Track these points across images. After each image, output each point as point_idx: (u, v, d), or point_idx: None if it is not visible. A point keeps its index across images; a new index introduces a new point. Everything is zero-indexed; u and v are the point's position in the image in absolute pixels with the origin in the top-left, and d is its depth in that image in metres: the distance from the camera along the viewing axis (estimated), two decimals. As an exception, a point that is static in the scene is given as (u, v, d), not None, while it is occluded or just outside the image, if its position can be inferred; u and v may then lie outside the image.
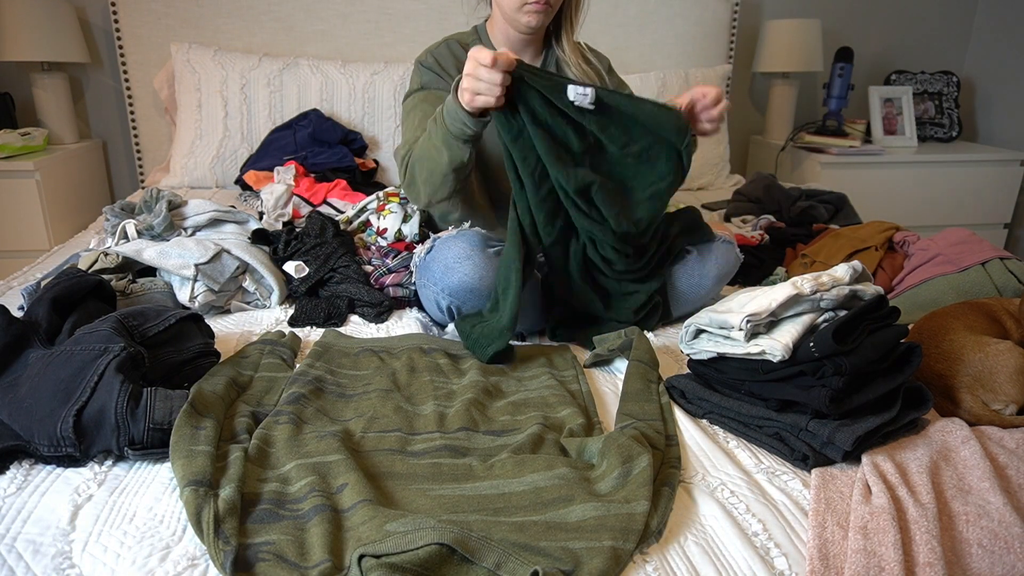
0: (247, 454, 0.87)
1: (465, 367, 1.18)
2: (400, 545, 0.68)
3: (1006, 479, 0.88)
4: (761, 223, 1.93)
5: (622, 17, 2.66)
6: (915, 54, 3.11)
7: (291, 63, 2.37)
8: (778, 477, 0.89)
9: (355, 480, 0.82)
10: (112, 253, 1.37)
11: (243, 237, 1.51)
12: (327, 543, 0.73)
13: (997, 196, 2.79)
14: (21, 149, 2.25)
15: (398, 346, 1.24)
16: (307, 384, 1.06)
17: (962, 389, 1.03)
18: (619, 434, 0.90)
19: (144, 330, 1.01)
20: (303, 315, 1.35)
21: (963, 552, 0.76)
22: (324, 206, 1.91)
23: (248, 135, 2.33)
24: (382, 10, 2.52)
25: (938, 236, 1.58)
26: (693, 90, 1.25)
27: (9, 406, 0.90)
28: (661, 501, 0.82)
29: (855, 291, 0.99)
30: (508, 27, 1.50)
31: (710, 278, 1.38)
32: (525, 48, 1.55)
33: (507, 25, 1.50)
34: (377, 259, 1.56)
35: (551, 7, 1.42)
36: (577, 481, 0.84)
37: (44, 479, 0.85)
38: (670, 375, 1.12)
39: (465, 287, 1.24)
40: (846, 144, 2.67)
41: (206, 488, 0.79)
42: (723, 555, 0.76)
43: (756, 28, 2.90)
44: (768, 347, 0.95)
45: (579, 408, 1.04)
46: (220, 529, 0.74)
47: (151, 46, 2.43)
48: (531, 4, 1.40)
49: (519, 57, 1.16)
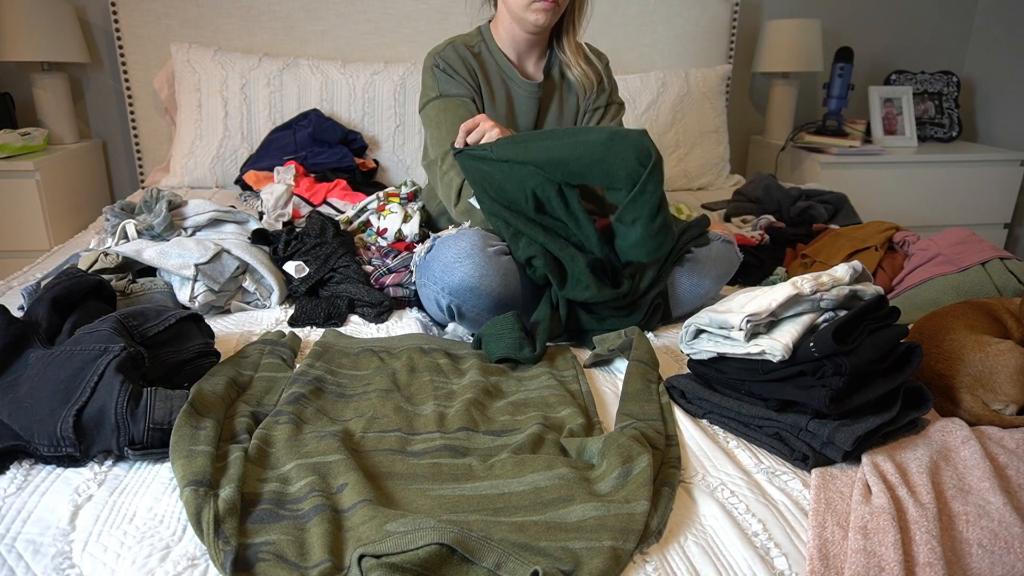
0: (247, 454, 0.87)
1: (465, 367, 1.18)
2: (400, 545, 0.68)
3: (1006, 479, 0.88)
4: (761, 223, 1.93)
5: (622, 17, 2.66)
6: (915, 54, 3.11)
7: (291, 63, 2.37)
8: (778, 477, 0.89)
9: (355, 480, 0.82)
10: (112, 253, 1.37)
11: (243, 237, 1.51)
12: (327, 543, 0.73)
13: (997, 196, 2.79)
14: (21, 149, 2.25)
15: (398, 346, 1.24)
16: (307, 384, 1.06)
17: (962, 389, 1.03)
18: (619, 434, 0.90)
19: (144, 330, 1.01)
20: (303, 315, 1.35)
21: (963, 552, 0.76)
22: (324, 206, 1.91)
23: (248, 135, 2.33)
24: (382, 10, 2.52)
25: (938, 236, 1.58)
26: None
27: (9, 406, 0.90)
28: (661, 501, 0.82)
29: (855, 291, 0.99)
30: (514, 27, 1.49)
31: (710, 277, 1.37)
32: (531, 49, 1.54)
33: (513, 25, 1.49)
34: (377, 259, 1.56)
35: (559, 5, 1.42)
36: (577, 481, 0.84)
37: (44, 479, 0.85)
38: (670, 375, 1.12)
39: (465, 286, 1.24)
40: (846, 144, 2.67)
41: (206, 488, 0.79)
42: (723, 555, 0.76)
43: (756, 28, 2.91)
44: (768, 347, 0.95)
45: (579, 408, 1.04)
46: (220, 529, 0.74)
47: (151, 46, 2.43)
48: (539, 2, 1.39)
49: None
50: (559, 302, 1.28)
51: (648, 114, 2.56)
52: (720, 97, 2.67)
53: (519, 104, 1.54)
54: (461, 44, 1.52)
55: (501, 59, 1.53)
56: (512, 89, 1.54)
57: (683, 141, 2.60)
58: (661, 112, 2.57)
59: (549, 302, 1.28)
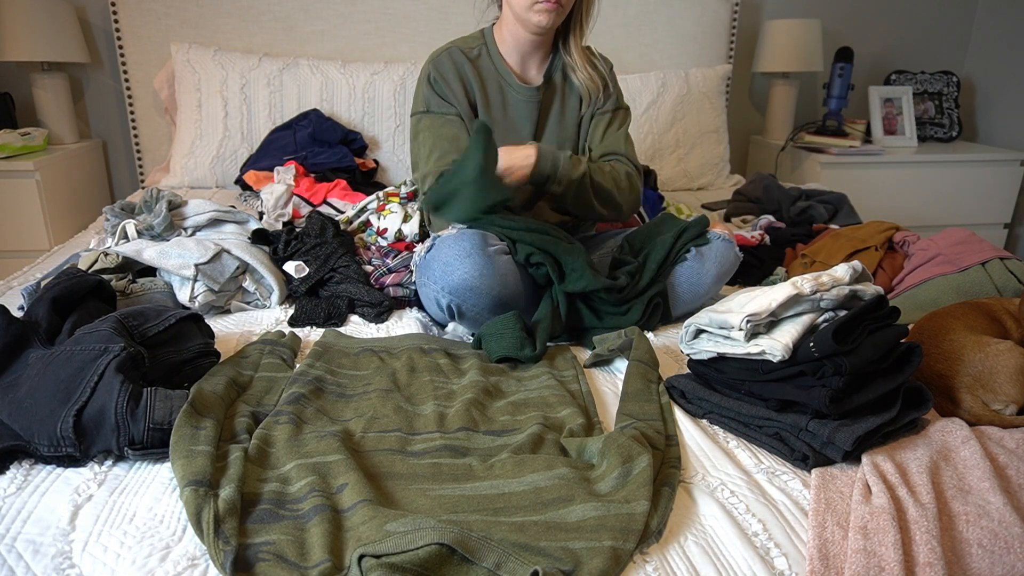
0: (247, 454, 0.87)
1: (465, 367, 1.18)
2: (400, 545, 0.68)
3: (1006, 479, 0.88)
4: (761, 223, 1.93)
5: (622, 17, 2.66)
6: (915, 54, 3.11)
7: (291, 63, 2.37)
8: (778, 477, 0.89)
9: (355, 480, 0.82)
10: (112, 253, 1.37)
11: (243, 237, 1.51)
12: (327, 543, 0.73)
13: (997, 196, 2.79)
14: (21, 149, 2.25)
15: (398, 346, 1.24)
16: (307, 384, 1.06)
17: (962, 389, 1.03)
18: (619, 434, 0.90)
19: (144, 330, 1.01)
20: (303, 315, 1.35)
21: (963, 552, 0.76)
22: (324, 206, 1.91)
23: (248, 135, 2.33)
24: (382, 10, 2.52)
25: (938, 236, 1.58)
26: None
27: (9, 406, 0.90)
28: (661, 501, 0.82)
29: (855, 291, 0.99)
30: (518, 28, 1.49)
31: (710, 277, 1.38)
32: (534, 51, 1.54)
33: (517, 27, 1.49)
34: (377, 259, 1.56)
35: (562, 6, 1.42)
36: (577, 481, 0.84)
37: (44, 479, 0.85)
38: (670, 375, 1.12)
39: (465, 285, 1.24)
40: (846, 144, 2.67)
41: (206, 488, 0.79)
42: (723, 555, 0.76)
43: (756, 28, 2.90)
44: (768, 347, 0.95)
45: (579, 408, 1.04)
46: (220, 529, 0.74)
47: (151, 46, 2.43)
48: (542, 3, 1.39)
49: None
50: (559, 301, 1.28)
51: (648, 114, 2.56)
52: (720, 97, 2.67)
53: (516, 109, 1.54)
54: (458, 49, 1.52)
55: (500, 63, 1.54)
56: (509, 94, 1.54)
57: (683, 141, 2.60)
58: (661, 112, 2.57)
59: (550, 301, 1.28)
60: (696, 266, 1.37)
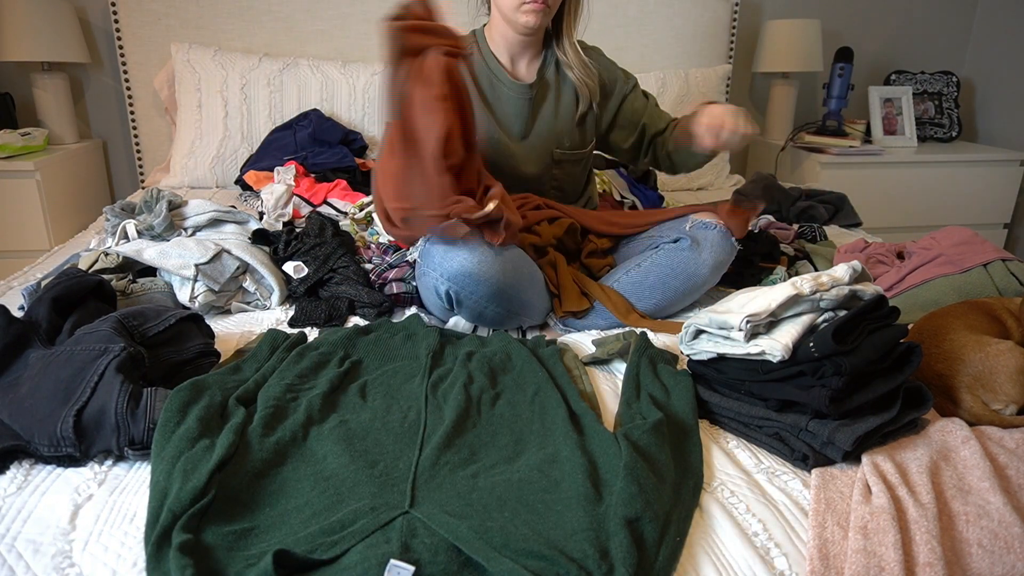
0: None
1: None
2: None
3: (1006, 479, 0.88)
4: (761, 223, 1.92)
5: (622, 17, 2.66)
6: (915, 54, 3.11)
7: (291, 63, 2.37)
8: (778, 477, 0.89)
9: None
10: (112, 253, 1.37)
11: (243, 237, 1.51)
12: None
13: (997, 196, 2.79)
14: (21, 149, 2.25)
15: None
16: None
17: (962, 389, 1.03)
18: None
19: (144, 330, 1.01)
20: (303, 316, 1.35)
21: (963, 552, 0.76)
22: (324, 206, 1.91)
23: (248, 135, 2.33)
24: (382, 10, 2.52)
25: (940, 234, 1.57)
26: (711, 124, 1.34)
27: (9, 406, 0.90)
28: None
29: (855, 291, 0.99)
30: (507, 29, 1.51)
31: (706, 267, 1.38)
32: (524, 50, 1.55)
33: (506, 28, 1.51)
34: (377, 257, 1.56)
35: (549, 7, 1.43)
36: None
37: (44, 479, 0.85)
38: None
39: (464, 271, 1.23)
40: (846, 144, 2.67)
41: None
42: (723, 555, 0.76)
43: (756, 28, 2.90)
44: (768, 347, 0.95)
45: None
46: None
47: (151, 46, 2.42)
48: (529, 3, 1.40)
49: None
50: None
51: (648, 114, 2.56)
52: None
53: (508, 105, 1.57)
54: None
55: (492, 61, 1.57)
56: (500, 90, 1.56)
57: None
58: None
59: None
60: (693, 255, 1.37)
